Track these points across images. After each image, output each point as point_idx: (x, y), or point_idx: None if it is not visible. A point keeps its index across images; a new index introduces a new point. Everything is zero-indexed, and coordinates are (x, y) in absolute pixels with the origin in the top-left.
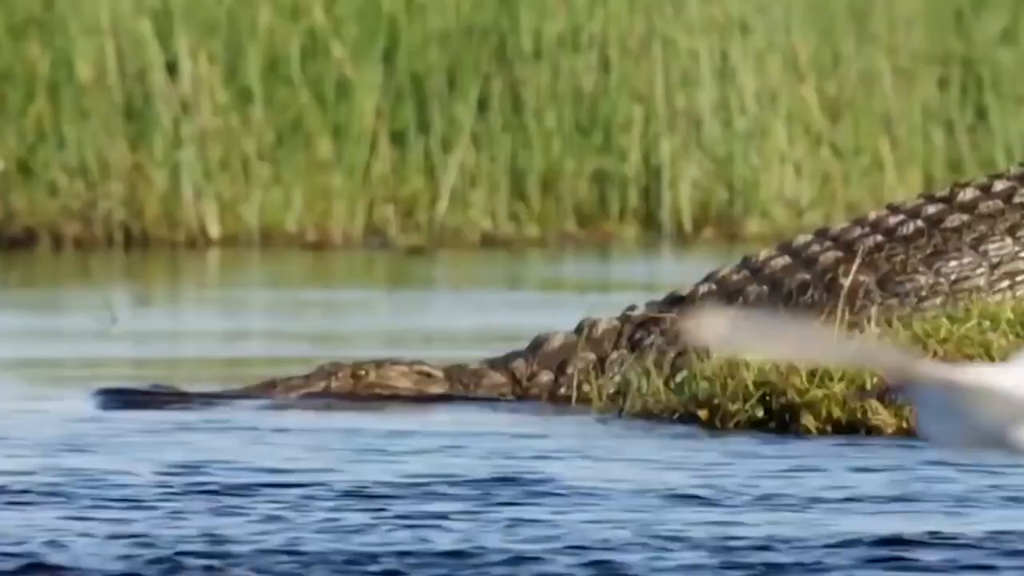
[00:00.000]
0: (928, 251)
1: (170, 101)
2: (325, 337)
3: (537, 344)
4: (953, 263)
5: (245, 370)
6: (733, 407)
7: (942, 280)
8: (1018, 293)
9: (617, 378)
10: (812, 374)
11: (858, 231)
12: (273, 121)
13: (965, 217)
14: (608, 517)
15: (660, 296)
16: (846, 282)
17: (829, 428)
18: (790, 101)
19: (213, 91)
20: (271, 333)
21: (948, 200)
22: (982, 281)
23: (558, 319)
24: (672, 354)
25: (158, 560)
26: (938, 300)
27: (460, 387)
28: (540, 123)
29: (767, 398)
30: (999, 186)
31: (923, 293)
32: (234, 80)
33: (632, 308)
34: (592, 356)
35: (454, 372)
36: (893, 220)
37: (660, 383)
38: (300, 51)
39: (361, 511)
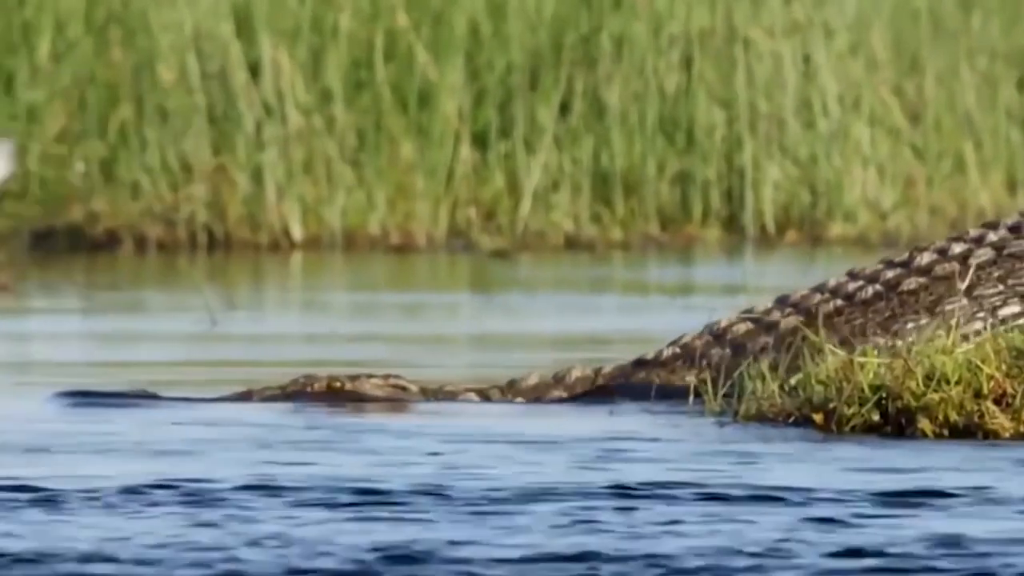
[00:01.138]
0: (886, 314)
1: (253, 103)
2: (408, 340)
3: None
4: (910, 325)
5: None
6: (848, 411)
7: (899, 342)
8: None
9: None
10: (928, 377)
11: (818, 297)
12: (355, 123)
13: (922, 280)
14: (726, 518)
15: (748, 298)
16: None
17: (945, 432)
18: (872, 103)
19: (295, 93)
20: (354, 336)
21: (906, 264)
22: (939, 342)
23: (639, 322)
24: (786, 357)
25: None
26: None
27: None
28: (622, 125)
29: (882, 402)
30: (956, 248)
31: None
32: (316, 82)
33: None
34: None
35: (429, 388)
36: (852, 286)
37: (775, 386)
38: (382, 53)
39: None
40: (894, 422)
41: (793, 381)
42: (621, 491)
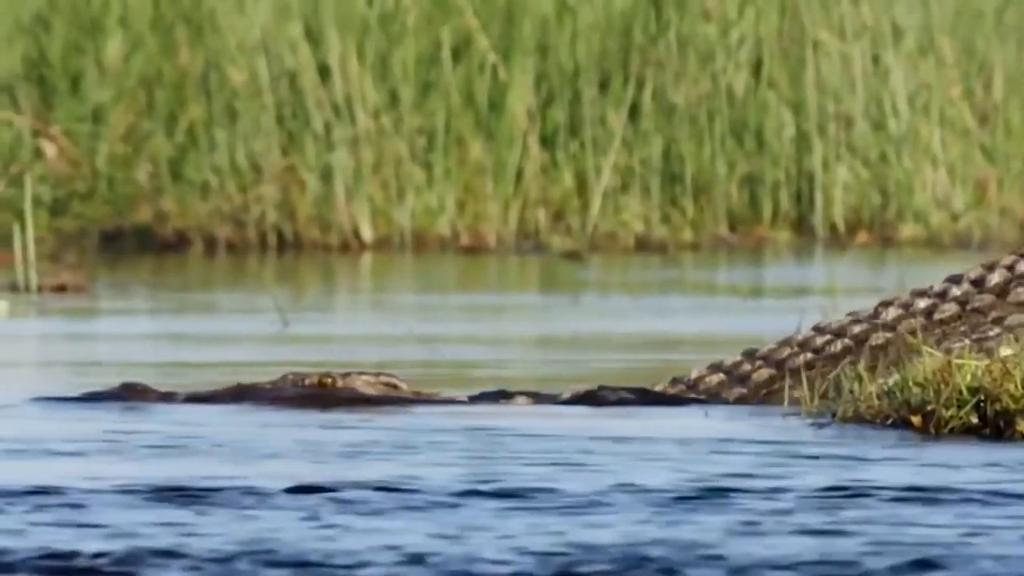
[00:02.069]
0: None
1: (322, 104)
2: (478, 341)
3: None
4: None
5: (400, 372)
6: (947, 413)
7: None
8: None
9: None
10: None
11: (787, 351)
12: (424, 124)
13: (889, 335)
14: (829, 518)
15: (817, 300)
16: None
17: None
18: (941, 104)
19: (364, 94)
20: (425, 337)
21: (873, 318)
22: None
23: (709, 324)
24: (885, 358)
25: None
26: None
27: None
28: (691, 126)
29: (981, 404)
30: (921, 304)
31: None
32: (385, 82)
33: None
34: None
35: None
36: (820, 340)
37: (872, 388)
38: (451, 53)
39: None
40: (992, 424)
41: (891, 383)
42: (723, 491)
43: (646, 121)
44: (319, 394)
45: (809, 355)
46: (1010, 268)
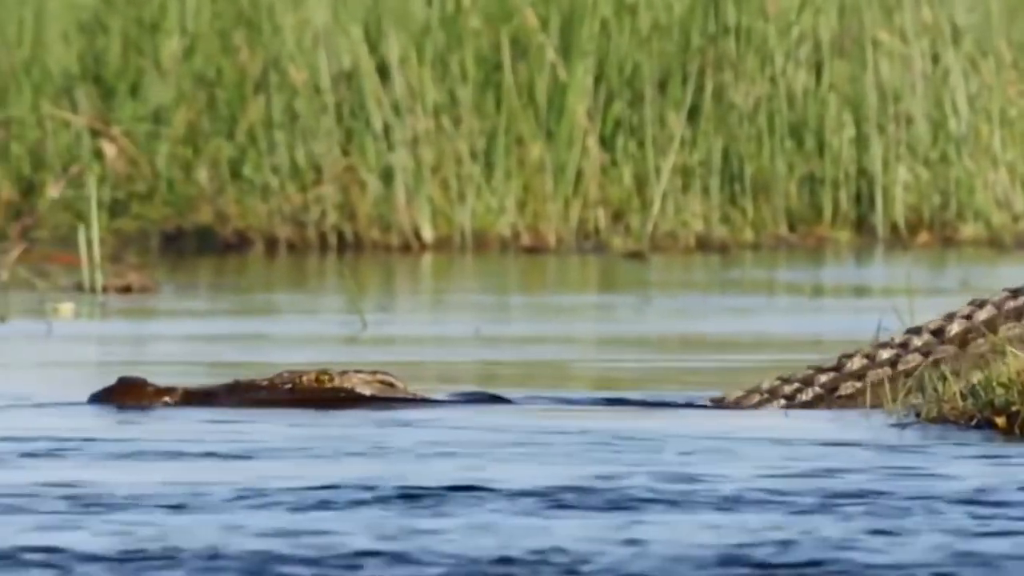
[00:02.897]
0: None
1: (382, 104)
2: (540, 341)
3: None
4: None
5: (460, 372)
6: None
7: None
8: None
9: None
10: None
11: (756, 398)
12: (484, 124)
13: (858, 384)
14: (917, 519)
15: (877, 301)
16: None
17: None
18: (1001, 104)
19: (424, 94)
20: (487, 338)
21: (837, 369)
22: None
23: (768, 324)
24: (968, 359)
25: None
26: None
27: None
28: (751, 126)
29: None
30: (884, 355)
31: None
32: (444, 82)
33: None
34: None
35: (418, 394)
36: (788, 388)
37: (956, 388)
38: (511, 53)
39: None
40: None
41: (975, 383)
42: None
43: (706, 121)
44: (316, 391)
45: (782, 402)
46: (968, 318)
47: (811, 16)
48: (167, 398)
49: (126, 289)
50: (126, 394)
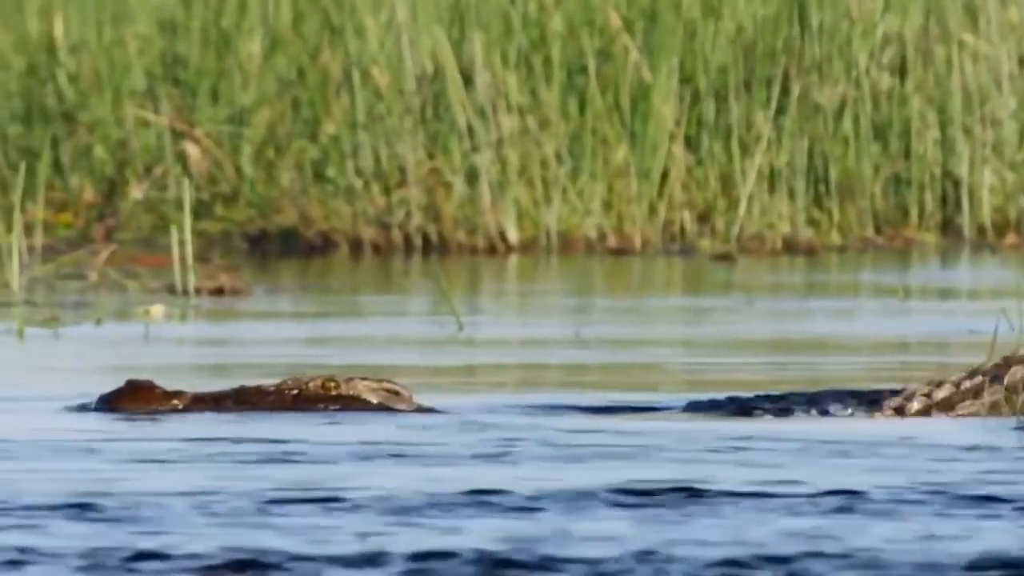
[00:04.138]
0: None
1: (466, 106)
2: (626, 343)
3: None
4: None
5: (545, 375)
6: None
7: None
8: None
9: None
10: None
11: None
12: (569, 125)
13: None
14: None
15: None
16: None
17: None
18: None
19: (508, 95)
20: (587, 341)
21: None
22: None
23: (857, 327)
24: None
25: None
26: None
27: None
28: (836, 127)
29: None
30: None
31: None
32: (529, 84)
33: None
34: None
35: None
36: None
37: None
38: (596, 54)
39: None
40: None
41: None
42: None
43: (791, 122)
44: (322, 398)
45: None
46: None
47: (896, 18)
48: (176, 402)
49: (218, 291)
50: (135, 398)
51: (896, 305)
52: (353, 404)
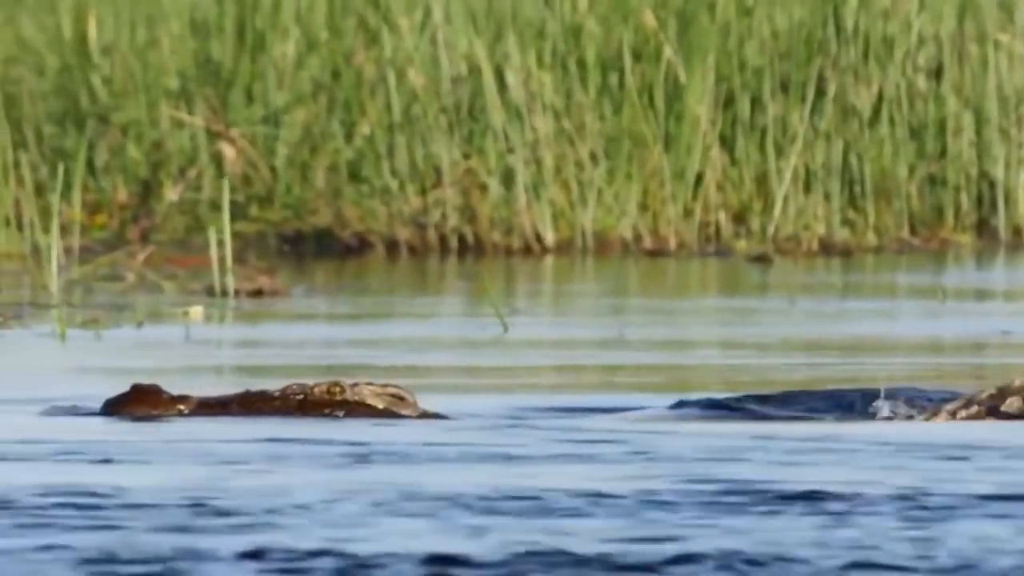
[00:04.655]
0: None
1: (501, 107)
2: (674, 344)
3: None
4: None
5: (579, 377)
6: None
7: None
8: None
9: None
10: None
11: None
12: (605, 126)
13: None
14: None
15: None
16: None
17: None
18: None
19: (543, 96)
20: (633, 342)
21: None
22: None
23: (893, 328)
24: None
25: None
26: None
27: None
28: (872, 128)
29: None
30: None
31: None
32: (564, 84)
33: None
34: None
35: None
36: None
37: None
38: (631, 55)
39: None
40: None
41: None
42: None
43: (826, 123)
44: (327, 402)
45: None
46: None
47: (931, 18)
48: (181, 407)
49: (257, 293)
50: (140, 402)
51: (934, 306)
52: (358, 409)
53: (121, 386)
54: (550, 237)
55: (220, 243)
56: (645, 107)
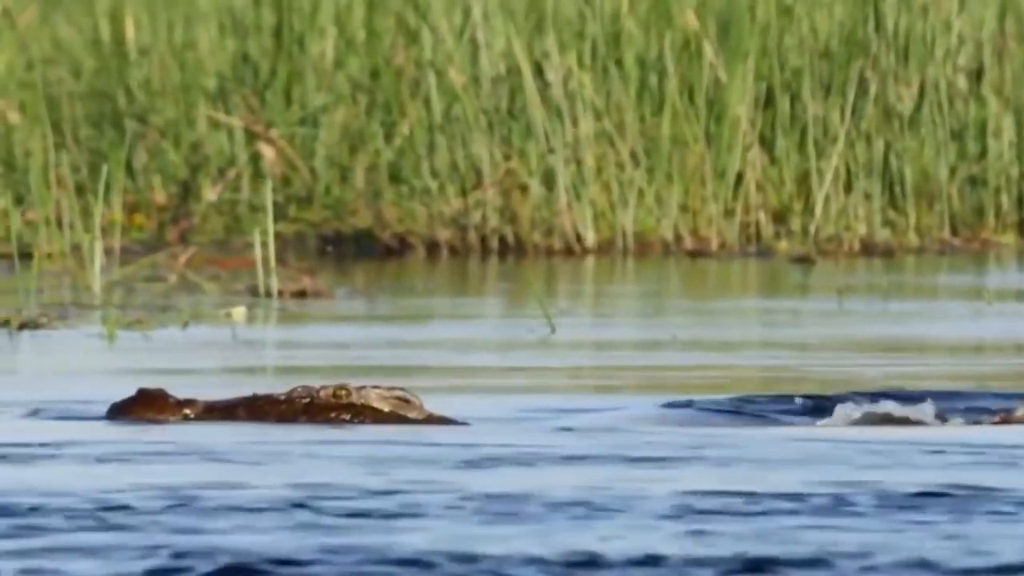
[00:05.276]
0: None
1: (542, 107)
2: (706, 345)
3: None
4: None
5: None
6: None
7: None
8: None
9: None
10: None
11: None
12: (645, 127)
13: None
14: None
15: None
16: None
17: None
18: None
19: (584, 97)
20: (686, 343)
21: None
22: None
23: (945, 329)
24: None
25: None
26: None
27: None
28: (912, 128)
29: None
30: None
31: None
32: (605, 86)
33: None
34: None
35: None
36: None
37: None
38: (672, 55)
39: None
40: None
41: None
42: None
43: (866, 123)
44: (333, 406)
45: None
46: None
47: (971, 18)
48: (187, 411)
49: (300, 293)
50: (146, 406)
51: (983, 307)
52: (364, 413)
53: (182, 387)
54: (591, 238)
55: (264, 244)
56: (685, 107)
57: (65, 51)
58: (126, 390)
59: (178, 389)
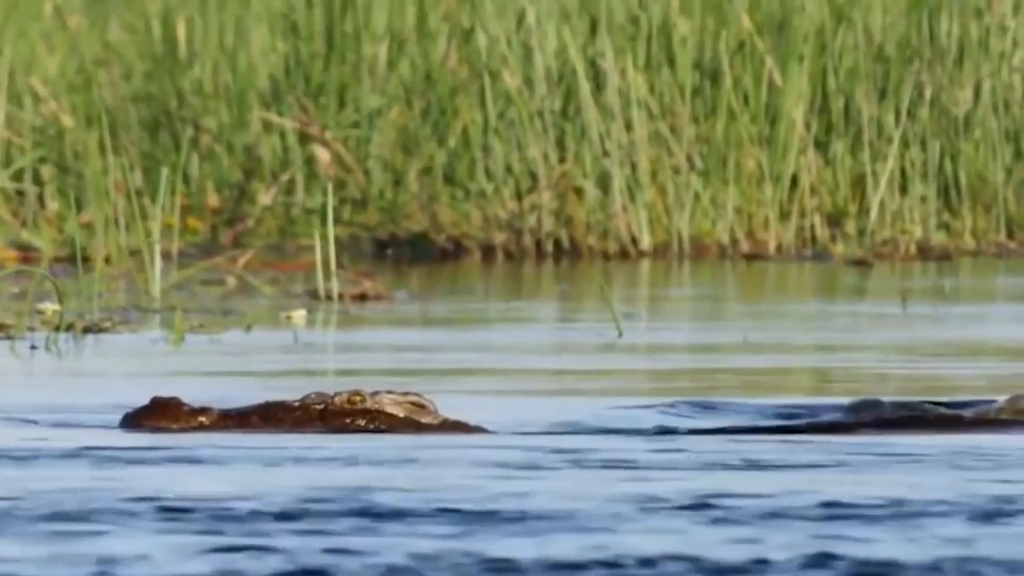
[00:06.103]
0: None
1: (597, 110)
2: (802, 349)
3: None
4: None
5: (673, 383)
6: None
7: None
8: None
9: None
10: None
11: None
12: (701, 130)
13: None
14: None
15: None
16: None
17: None
18: None
19: (640, 100)
20: (756, 346)
21: None
22: None
23: (987, 332)
24: None
25: None
26: None
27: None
28: (967, 131)
29: None
30: None
31: None
32: (659, 87)
33: None
34: None
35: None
36: None
37: None
38: (727, 58)
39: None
40: None
41: None
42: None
43: (921, 126)
44: (348, 412)
45: None
46: None
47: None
48: (202, 419)
49: (361, 297)
50: (160, 415)
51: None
52: (379, 418)
53: (259, 391)
54: (646, 241)
55: (324, 247)
56: (740, 109)
57: (116, 53)
58: (204, 393)
59: (255, 393)
